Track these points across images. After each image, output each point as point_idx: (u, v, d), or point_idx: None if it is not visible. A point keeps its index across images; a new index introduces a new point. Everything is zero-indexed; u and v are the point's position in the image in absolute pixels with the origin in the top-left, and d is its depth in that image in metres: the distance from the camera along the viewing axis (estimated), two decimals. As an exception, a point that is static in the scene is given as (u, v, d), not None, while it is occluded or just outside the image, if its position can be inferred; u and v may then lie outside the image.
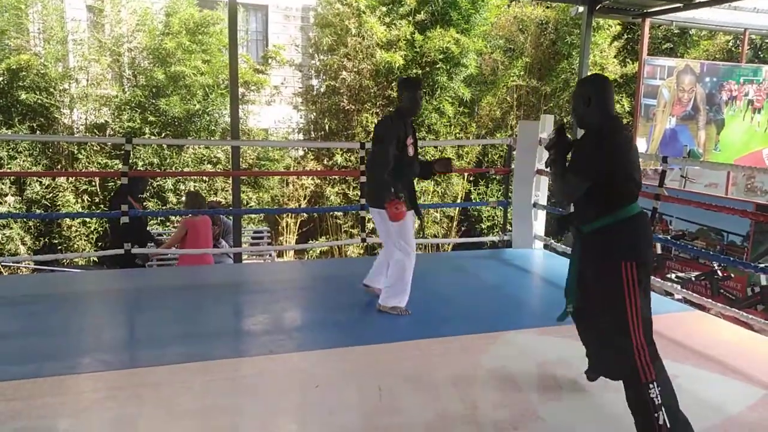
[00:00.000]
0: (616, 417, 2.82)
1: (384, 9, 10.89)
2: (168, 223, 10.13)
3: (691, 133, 9.09)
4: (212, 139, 10.79)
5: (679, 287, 5.09)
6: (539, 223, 6.17)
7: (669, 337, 3.81)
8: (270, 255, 9.29)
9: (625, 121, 12.37)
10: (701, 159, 8.67)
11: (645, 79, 8.75)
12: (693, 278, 6.39)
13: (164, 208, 10.07)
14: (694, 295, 4.63)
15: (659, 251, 7.28)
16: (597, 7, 7.05)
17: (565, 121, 11.72)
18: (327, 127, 11.43)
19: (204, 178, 10.64)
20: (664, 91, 8.94)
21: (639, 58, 8.80)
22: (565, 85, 11.99)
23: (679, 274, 6.53)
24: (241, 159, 8.44)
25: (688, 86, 8.96)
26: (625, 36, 12.58)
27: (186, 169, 10.48)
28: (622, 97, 12.40)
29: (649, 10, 7.67)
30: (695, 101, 9.03)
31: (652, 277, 5.01)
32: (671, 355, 3.51)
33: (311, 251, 10.85)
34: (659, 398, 2.36)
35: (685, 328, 4.03)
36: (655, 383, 2.36)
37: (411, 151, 4.00)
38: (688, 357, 3.52)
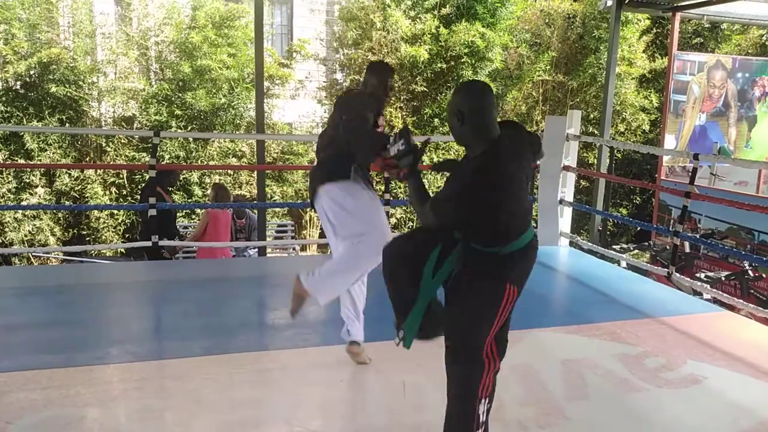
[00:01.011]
0: (643, 417, 2.79)
1: (409, 3, 10.84)
2: (194, 216, 10.24)
3: (721, 130, 8.90)
4: (237, 132, 10.87)
5: (708, 287, 5.01)
6: (565, 220, 6.10)
7: (698, 337, 3.76)
8: (294, 249, 9.34)
9: (653, 117, 12.18)
10: (732, 156, 8.50)
11: (674, 75, 8.59)
12: (723, 278, 6.28)
13: (190, 201, 10.19)
14: (724, 295, 4.55)
15: (687, 250, 7.17)
16: (626, 1, 6.93)
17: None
18: (351, 122, 11.43)
19: (229, 171, 10.73)
20: (694, 87, 8.77)
21: (668, 53, 8.64)
22: (592, 80, 11.83)
23: (709, 274, 6.43)
24: (265, 153, 8.48)
25: (719, 82, 8.77)
26: (654, 30, 12.36)
27: (211, 163, 10.58)
28: (650, 92, 12.21)
29: (679, 4, 7.51)
30: (726, 97, 8.84)
31: (682, 276, 4.94)
32: (700, 356, 3.46)
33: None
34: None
35: (715, 328, 3.96)
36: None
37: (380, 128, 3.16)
38: (717, 358, 3.46)
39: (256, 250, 6.73)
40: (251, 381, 3.01)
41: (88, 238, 10.07)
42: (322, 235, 10.76)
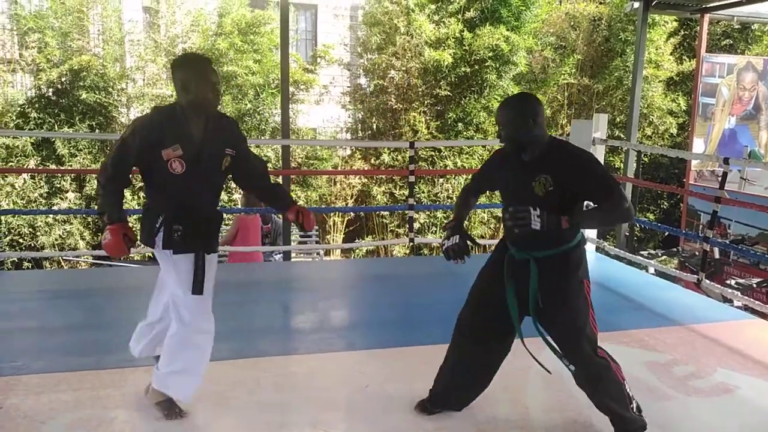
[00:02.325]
0: (672, 426, 2.74)
1: (433, 7, 10.85)
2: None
3: (751, 134, 8.75)
4: (263, 138, 10.98)
5: (739, 294, 4.91)
6: (590, 224, 6.04)
7: (729, 345, 3.69)
8: (318, 254, 9.39)
9: (681, 120, 12.01)
10: (763, 160, 8.34)
11: (703, 77, 8.47)
12: (754, 284, 6.15)
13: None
14: (756, 302, 4.46)
15: (717, 256, 7.04)
16: (653, 3, 6.86)
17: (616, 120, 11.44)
18: (374, 127, 11.47)
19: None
20: (724, 90, 8.63)
21: (697, 55, 8.52)
22: (618, 84, 11.70)
23: (739, 281, 6.30)
24: (290, 158, 8.55)
25: (749, 84, 8.63)
26: (682, 32, 12.20)
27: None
28: (678, 95, 12.05)
29: (708, 5, 7.42)
30: (757, 100, 8.68)
31: (711, 282, 4.86)
32: (731, 365, 3.40)
33: (357, 250, 10.91)
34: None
35: (746, 336, 3.88)
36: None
37: (178, 167, 2.44)
38: (749, 367, 3.39)
39: (281, 254, 6.78)
40: (277, 384, 3.03)
41: (116, 242, 10.23)
42: (345, 240, 10.84)
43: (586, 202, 2.45)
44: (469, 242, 2.54)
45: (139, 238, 2.58)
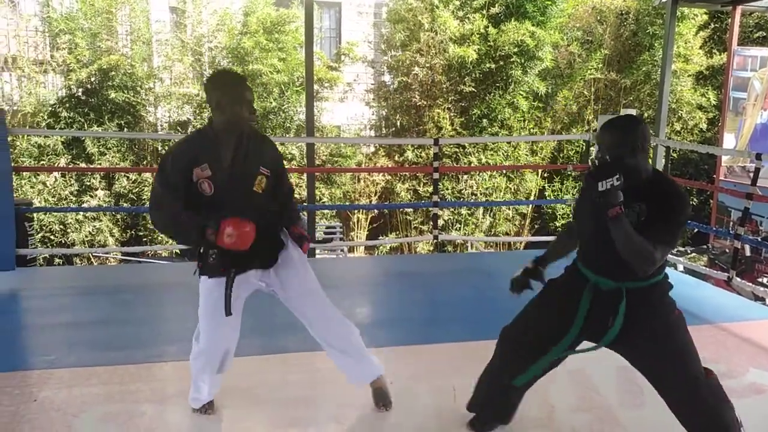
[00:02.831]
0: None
1: (457, 3, 10.79)
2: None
3: (785, 128, 8.54)
4: (287, 136, 11.05)
5: (771, 292, 4.80)
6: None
7: (761, 345, 3.62)
8: (342, 250, 9.43)
9: (711, 115, 11.79)
10: (797, 155, 8.13)
11: (734, 71, 8.29)
12: (787, 283, 6.01)
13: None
14: (789, 300, 4.36)
15: (748, 253, 6.90)
16: (683, -4, 6.73)
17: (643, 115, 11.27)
18: (398, 124, 11.47)
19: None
20: (756, 83, 8.44)
21: (728, 48, 8.34)
22: (646, 78, 11.52)
23: (771, 278, 6.17)
24: (314, 155, 8.59)
25: (783, 78, 8.42)
26: (713, 25, 11.95)
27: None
28: (708, 90, 11.82)
29: (740, -3, 7.25)
30: (791, 93, 8.47)
31: (742, 280, 4.76)
32: (764, 365, 3.33)
33: (381, 247, 10.93)
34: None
35: (779, 335, 3.80)
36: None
37: (207, 188, 2.39)
38: (782, 367, 3.32)
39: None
40: (303, 381, 3.05)
41: (145, 239, 10.41)
42: (369, 236, 10.85)
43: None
44: (531, 280, 2.46)
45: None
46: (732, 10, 7.88)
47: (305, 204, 7.05)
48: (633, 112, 6.13)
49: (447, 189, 10.81)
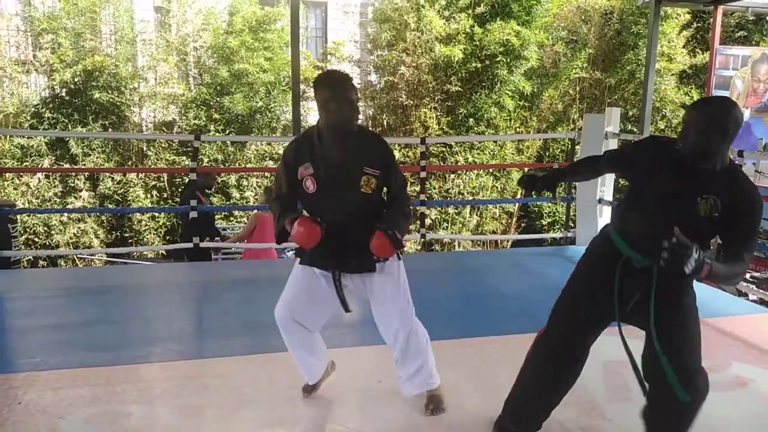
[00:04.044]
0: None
1: (443, 2, 10.83)
2: (231, 218, 10.41)
3: (766, 126, 8.65)
4: (274, 135, 11.02)
5: (754, 287, 4.87)
6: (604, 219, 6.01)
7: (743, 339, 3.66)
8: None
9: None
10: (778, 153, 8.23)
11: (716, 70, 8.39)
12: (769, 278, 6.10)
13: (228, 203, 10.36)
14: (771, 295, 4.42)
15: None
16: (666, -4, 6.79)
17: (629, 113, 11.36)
18: (385, 123, 11.48)
19: (266, 174, 10.88)
20: (738, 82, 8.55)
21: (710, 47, 8.45)
22: (630, 77, 11.63)
23: (754, 274, 6.25)
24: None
25: (764, 76, 8.54)
26: (695, 25, 12.08)
27: (249, 166, 10.74)
28: (691, 88, 11.94)
29: (722, -3, 7.34)
30: (772, 92, 8.59)
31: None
32: (746, 358, 3.38)
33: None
34: None
35: (761, 330, 3.85)
36: None
37: (310, 185, 2.48)
38: (764, 360, 3.36)
39: (294, 250, 6.81)
40: (290, 380, 3.04)
41: (130, 241, 10.33)
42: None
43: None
44: (539, 183, 2.43)
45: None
46: (714, 10, 7.98)
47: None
48: (618, 111, 6.16)
49: (434, 188, 10.84)
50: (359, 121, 2.54)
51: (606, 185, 5.93)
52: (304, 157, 2.47)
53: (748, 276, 6.25)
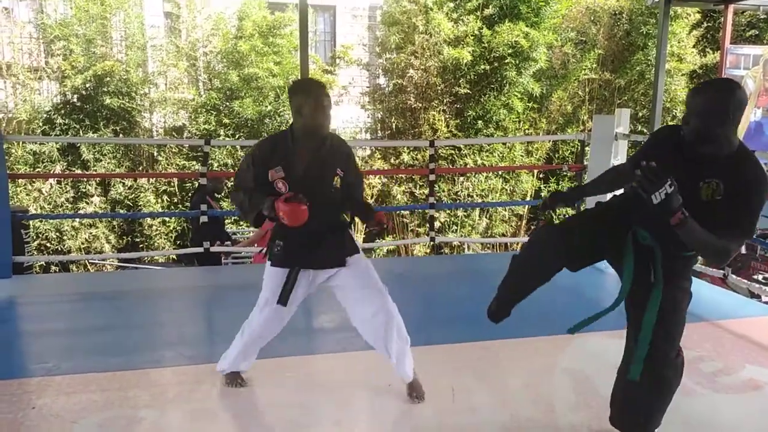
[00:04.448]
0: (700, 423, 2.71)
1: (451, 5, 10.82)
2: (241, 223, 10.44)
3: (779, 125, 8.58)
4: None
5: (766, 289, 4.83)
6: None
7: (757, 341, 3.63)
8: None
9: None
10: (791, 152, 8.17)
11: (727, 69, 8.34)
12: (782, 279, 6.04)
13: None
14: (785, 297, 4.38)
15: (743, 250, 6.92)
16: (675, -4, 6.75)
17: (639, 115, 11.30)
18: (394, 126, 11.48)
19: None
20: (749, 82, 8.48)
21: (721, 47, 8.39)
22: (640, 78, 11.57)
23: (766, 275, 6.19)
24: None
25: (775, 75, 8.47)
26: (705, 24, 12.01)
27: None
28: (702, 88, 11.85)
29: (732, -4, 7.28)
30: (784, 91, 8.52)
31: (738, 277, 4.78)
32: (759, 361, 3.35)
33: (378, 250, 10.92)
34: None
35: (775, 332, 3.82)
36: None
37: (282, 187, 2.57)
38: (778, 363, 3.33)
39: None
40: (300, 384, 3.06)
41: (141, 246, 10.39)
42: (365, 239, 10.87)
43: None
44: (556, 202, 2.46)
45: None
46: (724, 9, 7.93)
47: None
48: (628, 112, 6.13)
49: (443, 191, 10.83)
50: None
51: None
52: (275, 160, 2.57)
53: (760, 277, 6.19)
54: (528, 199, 11.23)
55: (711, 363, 3.31)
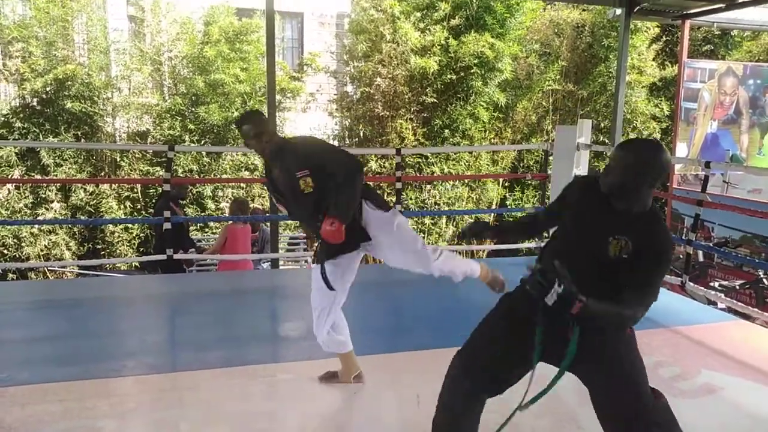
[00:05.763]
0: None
1: (418, 14, 10.91)
2: (207, 229, 10.31)
3: (733, 138, 8.87)
4: (249, 145, 10.96)
5: (722, 296, 4.98)
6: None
7: (713, 347, 3.74)
8: (306, 261, 9.38)
9: (664, 125, 12.17)
10: (744, 164, 8.45)
11: (685, 82, 8.57)
12: (737, 287, 6.23)
13: (203, 214, 10.27)
14: (739, 304, 4.52)
15: (701, 258, 7.12)
16: (635, 10, 6.94)
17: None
18: (361, 134, 11.50)
19: (242, 184, 10.81)
20: (705, 95, 8.74)
21: (678, 60, 8.63)
22: (602, 89, 11.83)
23: (723, 283, 6.38)
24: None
25: (730, 89, 8.75)
26: (664, 38, 12.36)
27: (224, 176, 10.67)
28: (661, 100, 12.19)
29: (689, 12, 7.50)
30: (738, 104, 8.81)
31: (696, 285, 4.92)
32: (715, 366, 3.45)
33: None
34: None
35: (730, 338, 3.94)
36: None
37: (282, 208, 3.02)
38: (732, 367, 3.44)
39: (269, 262, 6.77)
40: (265, 392, 3.03)
41: (103, 252, 10.17)
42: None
43: None
44: (476, 234, 2.41)
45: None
46: (681, 25, 8.16)
47: (268, 214, 7.01)
48: (590, 122, 6.27)
49: (410, 199, 10.88)
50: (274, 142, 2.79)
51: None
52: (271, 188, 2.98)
53: (716, 285, 6.38)
54: (494, 207, 11.36)
55: (669, 368, 3.39)
